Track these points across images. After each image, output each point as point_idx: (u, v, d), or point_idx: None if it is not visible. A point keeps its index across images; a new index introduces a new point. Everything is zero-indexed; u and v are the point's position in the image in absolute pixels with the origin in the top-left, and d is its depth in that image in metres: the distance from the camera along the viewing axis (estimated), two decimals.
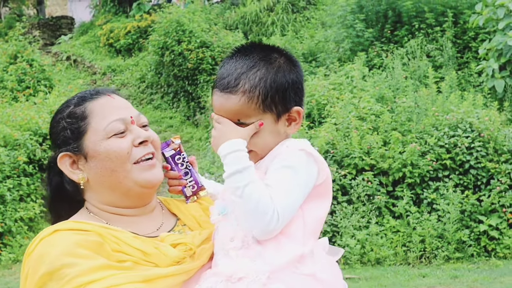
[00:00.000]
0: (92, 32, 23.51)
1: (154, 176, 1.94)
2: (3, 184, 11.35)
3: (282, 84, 1.87)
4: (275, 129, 1.88)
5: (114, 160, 1.90)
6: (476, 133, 9.94)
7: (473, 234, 9.43)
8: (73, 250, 1.74)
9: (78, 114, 1.95)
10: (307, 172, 1.80)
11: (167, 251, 1.83)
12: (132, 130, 1.95)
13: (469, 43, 13.90)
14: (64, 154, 1.95)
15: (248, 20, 19.03)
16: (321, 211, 1.86)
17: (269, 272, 1.71)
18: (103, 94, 2.00)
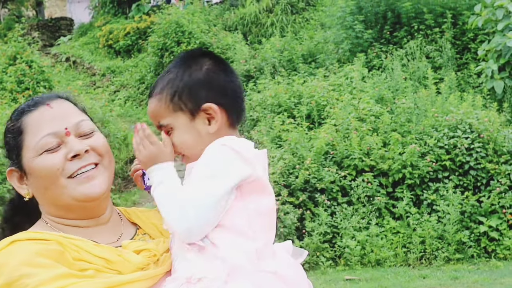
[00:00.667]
0: (91, 33, 23.53)
1: (92, 189, 1.85)
2: (3, 185, 11.34)
3: (188, 82, 1.88)
4: (193, 129, 1.87)
5: (45, 178, 1.84)
6: (475, 134, 9.95)
7: (473, 235, 9.44)
8: (33, 259, 1.68)
9: (15, 129, 1.90)
10: (226, 168, 1.75)
11: (131, 258, 1.79)
12: (67, 142, 1.86)
13: (468, 44, 13.92)
14: (10, 169, 1.92)
15: (247, 21, 19.05)
16: (264, 206, 1.80)
17: (228, 270, 1.70)
18: (41, 104, 1.91)
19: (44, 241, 1.75)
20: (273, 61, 14.79)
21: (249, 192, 1.78)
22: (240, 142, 1.83)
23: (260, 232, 1.78)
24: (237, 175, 1.75)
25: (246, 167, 1.76)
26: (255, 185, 1.79)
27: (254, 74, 14.78)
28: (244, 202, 1.77)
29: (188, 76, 1.90)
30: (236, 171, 1.75)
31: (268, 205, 1.81)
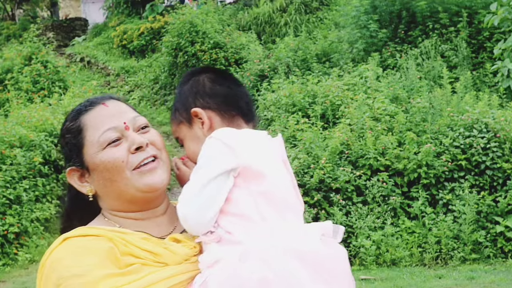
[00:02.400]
0: (106, 33, 23.64)
1: (154, 180, 1.93)
2: (20, 184, 11.43)
3: (179, 95, 2.08)
4: (194, 135, 2.02)
5: (111, 170, 1.91)
6: (491, 133, 9.89)
7: (490, 235, 9.38)
8: (81, 259, 1.77)
9: (74, 129, 1.98)
10: (210, 158, 1.85)
11: (176, 250, 1.86)
12: (127, 136, 1.94)
13: (484, 43, 13.84)
14: (70, 169, 1.99)
15: (261, 21, 19.06)
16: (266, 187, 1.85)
17: (243, 251, 1.75)
18: (97, 104, 2.00)
19: (94, 237, 1.83)
20: (287, 61, 14.78)
21: (249, 178, 1.84)
22: (232, 133, 1.91)
23: (269, 212, 1.82)
24: (220, 164, 1.83)
25: (230, 157, 1.83)
26: (251, 172, 1.84)
27: (268, 74, 14.78)
28: (247, 188, 1.83)
29: (179, 90, 2.08)
30: (218, 160, 1.84)
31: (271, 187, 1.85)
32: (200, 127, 2.00)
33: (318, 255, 1.75)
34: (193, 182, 1.85)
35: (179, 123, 2.03)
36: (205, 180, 1.82)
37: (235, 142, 1.86)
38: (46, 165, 12.27)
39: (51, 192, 12.15)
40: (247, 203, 1.82)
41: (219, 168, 1.82)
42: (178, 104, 2.05)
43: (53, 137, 12.79)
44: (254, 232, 1.79)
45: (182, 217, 1.83)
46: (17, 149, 12.01)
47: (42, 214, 11.41)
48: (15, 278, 10.00)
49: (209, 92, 2.03)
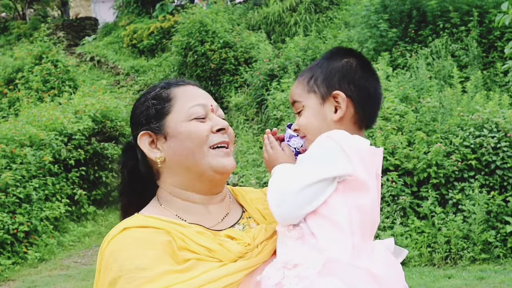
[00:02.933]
0: (116, 33, 23.69)
1: (228, 163, 2.01)
2: (29, 183, 11.47)
3: (328, 69, 2.00)
4: (321, 112, 1.97)
5: (194, 141, 1.97)
6: (502, 133, 9.84)
7: (500, 235, 9.33)
8: (143, 252, 1.81)
9: (163, 96, 2.04)
10: (322, 160, 1.82)
11: (230, 247, 1.89)
12: (211, 118, 2.03)
13: (495, 43, 13.76)
14: (144, 132, 2.03)
15: (271, 21, 19.04)
16: (363, 203, 1.83)
17: (324, 262, 1.75)
18: (187, 83, 2.10)
19: (154, 229, 1.88)
20: (297, 60, 14.76)
21: (350, 188, 1.82)
22: (348, 138, 1.86)
23: (358, 227, 1.81)
24: (333, 168, 1.80)
25: (345, 164, 1.81)
26: (355, 183, 1.82)
27: (277, 73, 14.77)
28: (345, 197, 1.81)
29: (327, 65, 2.01)
30: (332, 164, 1.80)
31: (368, 202, 1.85)
32: (332, 110, 1.97)
33: (391, 282, 1.79)
34: (299, 176, 1.82)
35: (311, 91, 2.00)
36: (314, 179, 1.79)
37: (352, 150, 1.83)
38: (56, 164, 12.32)
39: (60, 191, 12.19)
40: (341, 212, 1.80)
41: (330, 172, 1.80)
42: (320, 74, 2.01)
43: (63, 136, 12.83)
44: (339, 244, 1.77)
45: (275, 203, 1.83)
46: (27, 148, 12.06)
47: (51, 213, 11.45)
48: (24, 276, 10.04)
49: (358, 83, 1.99)
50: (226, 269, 1.83)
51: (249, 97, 15.27)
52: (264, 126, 14.19)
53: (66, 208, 11.91)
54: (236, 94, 15.79)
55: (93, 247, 11.52)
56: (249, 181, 11.40)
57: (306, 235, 1.81)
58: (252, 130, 14.31)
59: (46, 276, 9.98)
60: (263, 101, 14.60)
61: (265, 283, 1.81)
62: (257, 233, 1.97)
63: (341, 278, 1.72)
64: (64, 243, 11.50)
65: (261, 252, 1.93)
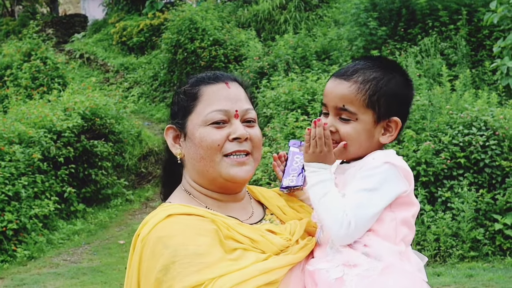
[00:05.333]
0: (105, 30, 23.59)
1: (239, 173, 1.99)
2: (18, 181, 11.42)
3: (391, 90, 1.99)
4: (371, 131, 1.98)
5: (205, 149, 1.97)
6: (491, 131, 9.89)
7: (488, 233, 9.39)
8: (196, 238, 1.82)
9: (190, 94, 2.04)
10: (387, 185, 1.90)
11: (273, 239, 1.92)
12: (232, 123, 2.00)
13: (483, 41, 13.83)
14: (170, 126, 2.07)
15: (260, 18, 19.03)
16: (409, 216, 1.97)
17: (384, 266, 1.85)
18: (220, 80, 2.05)
19: (199, 218, 1.89)
20: (287, 58, 14.77)
21: (399, 204, 1.94)
22: (399, 159, 1.96)
23: (403, 238, 1.95)
24: (396, 191, 1.91)
25: (404, 184, 1.92)
26: (406, 199, 1.95)
27: (267, 71, 14.77)
28: (393, 213, 1.93)
29: (393, 85, 2.00)
30: (395, 187, 1.91)
31: (412, 215, 1.99)
32: (382, 132, 2.01)
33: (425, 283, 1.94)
34: (367, 205, 1.88)
35: (370, 107, 1.98)
36: (381, 206, 1.90)
37: (406, 171, 1.94)
38: (45, 162, 12.27)
39: (50, 189, 12.14)
40: (389, 227, 1.92)
41: (393, 197, 1.91)
42: (383, 93, 1.98)
43: (52, 133, 12.78)
44: (391, 253, 1.89)
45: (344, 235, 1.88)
46: (16, 145, 12.00)
47: (41, 210, 11.40)
48: (13, 274, 10.00)
49: (408, 108, 2.08)
50: (274, 262, 1.86)
51: None
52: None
53: (55, 206, 11.86)
54: None
55: (82, 245, 11.49)
56: None
57: (360, 245, 1.90)
58: None
59: (35, 274, 9.94)
60: (253, 98, 14.58)
61: (323, 276, 1.88)
62: (293, 228, 2.00)
63: (398, 279, 1.84)
64: (53, 241, 11.45)
65: (303, 248, 1.95)
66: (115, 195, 13.56)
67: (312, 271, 1.91)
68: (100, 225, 12.53)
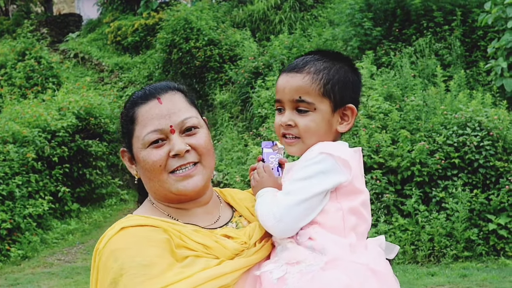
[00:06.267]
0: (100, 29, 23.55)
1: (187, 186, 1.98)
2: (12, 180, 11.39)
3: (343, 77, 2.01)
4: (329, 120, 1.98)
5: (149, 170, 1.99)
6: (485, 131, 9.92)
7: (482, 233, 9.41)
8: (144, 250, 1.83)
9: (128, 117, 2.05)
10: (322, 175, 1.87)
11: (227, 244, 1.91)
12: (171, 139, 1.99)
13: (478, 42, 13.86)
14: (123, 149, 2.10)
15: (255, 18, 19.02)
16: (356, 205, 1.92)
17: (327, 260, 1.82)
18: (152, 97, 2.03)
19: (152, 228, 1.90)
20: (282, 58, 14.77)
21: (344, 194, 1.90)
22: (338, 147, 1.93)
23: (353, 229, 1.90)
24: (332, 181, 1.87)
25: (342, 174, 1.88)
26: (349, 188, 1.90)
27: (262, 71, 14.77)
28: (339, 203, 1.89)
29: (344, 72, 2.02)
30: (331, 178, 1.87)
31: (360, 203, 1.93)
32: (339, 121, 2.00)
33: (387, 276, 1.89)
34: (295, 191, 1.87)
35: (326, 96, 1.98)
36: (310, 193, 1.86)
37: (344, 159, 1.89)
38: (39, 161, 12.24)
39: (44, 188, 12.12)
40: (335, 217, 1.88)
41: (327, 185, 1.87)
42: (337, 81, 2.00)
43: (47, 133, 12.75)
44: (337, 245, 1.85)
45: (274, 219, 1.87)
46: (10, 145, 11.97)
47: (35, 210, 11.38)
48: (7, 274, 9.97)
49: (360, 96, 2.07)
50: (225, 267, 1.85)
51: (233, 95, 15.27)
52: (248, 123, 14.20)
53: (49, 205, 11.84)
54: (220, 92, 15.78)
55: (76, 245, 11.47)
56: (234, 178, 11.40)
57: (304, 241, 1.87)
58: (237, 127, 14.30)
59: (29, 274, 9.92)
60: (247, 98, 14.59)
61: (266, 278, 1.86)
62: (252, 231, 1.98)
63: (345, 273, 1.79)
64: (47, 240, 11.43)
65: (258, 251, 1.94)
66: (109, 195, 13.55)
67: (259, 275, 1.89)
68: (95, 224, 12.51)
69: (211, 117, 15.71)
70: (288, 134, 2.01)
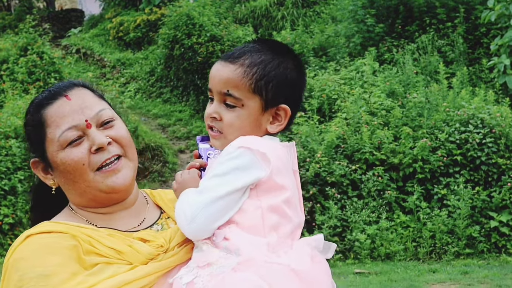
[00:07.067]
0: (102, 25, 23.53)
1: (117, 181, 1.86)
2: (14, 175, 11.40)
3: (280, 74, 1.83)
4: (257, 119, 1.83)
5: (72, 172, 1.84)
6: (487, 129, 9.91)
7: (484, 230, 9.41)
8: (45, 259, 1.70)
9: (35, 123, 1.88)
10: (238, 170, 1.73)
11: (140, 248, 1.79)
12: (89, 135, 1.85)
13: (481, 39, 13.85)
14: (34, 160, 1.92)
15: (258, 15, 19.00)
16: (278, 203, 1.77)
17: (239, 260, 1.69)
18: (59, 96, 1.89)
19: (58, 234, 1.76)
20: None
21: (263, 190, 1.75)
22: (258, 141, 1.78)
23: (273, 228, 1.75)
24: (249, 177, 1.73)
25: (261, 169, 1.73)
26: (270, 184, 1.75)
27: None
28: (258, 200, 1.74)
29: (283, 69, 1.84)
30: (248, 173, 1.73)
31: (283, 201, 1.77)
32: (270, 121, 1.84)
33: (313, 277, 1.71)
34: (209, 189, 1.74)
35: (256, 92, 1.81)
36: (225, 191, 1.72)
37: (265, 155, 1.74)
38: None
39: None
40: (254, 216, 1.74)
41: (244, 182, 1.73)
42: (272, 77, 1.82)
43: None
44: (253, 245, 1.71)
45: (186, 221, 1.73)
46: (12, 140, 11.97)
47: None
48: None
49: (299, 95, 1.89)
50: (135, 272, 1.73)
51: None
52: None
53: None
54: None
55: None
56: None
57: (220, 241, 1.73)
58: None
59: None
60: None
61: (177, 284, 1.73)
62: (173, 235, 1.85)
63: (257, 273, 1.66)
64: None
65: (175, 254, 1.81)
66: None
67: (171, 283, 1.75)
68: None
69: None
70: (213, 127, 1.86)
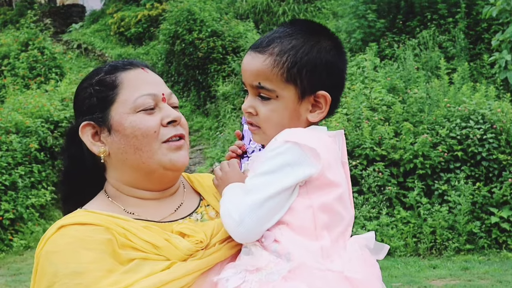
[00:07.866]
0: (103, 20, 23.53)
1: (180, 158, 1.80)
2: (15, 171, 11.42)
3: (314, 60, 1.70)
4: (295, 109, 1.71)
5: (140, 138, 1.76)
6: (488, 124, 9.90)
7: (484, 226, 9.41)
8: (79, 254, 1.63)
9: (108, 82, 1.80)
10: (288, 167, 1.62)
11: (178, 244, 1.70)
12: (162, 108, 1.80)
13: (482, 34, 13.82)
14: (87, 123, 1.80)
15: (259, 10, 18.98)
16: (330, 201, 1.66)
17: (291, 267, 1.59)
18: (136, 66, 1.85)
19: (92, 227, 1.68)
20: None
21: (314, 188, 1.65)
22: (305, 134, 1.67)
23: (326, 229, 1.65)
24: (299, 174, 1.62)
25: (311, 165, 1.62)
26: (322, 181, 1.65)
27: None
28: (310, 199, 1.64)
29: (317, 53, 1.71)
30: (298, 170, 1.62)
31: (335, 198, 1.67)
32: (309, 109, 1.72)
33: (362, 283, 1.61)
34: (256, 189, 1.63)
35: (290, 81, 1.69)
36: (274, 191, 1.61)
37: (312, 149, 1.62)
38: (42, 152, 12.26)
39: (46, 179, 12.14)
40: (304, 216, 1.63)
41: (294, 179, 1.62)
42: (305, 63, 1.69)
43: (49, 123, 12.76)
44: (305, 249, 1.61)
45: (233, 223, 1.63)
46: (13, 135, 11.99)
47: (37, 200, 11.40)
48: (9, 264, 10.00)
49: (341, 80, 1.77)
50: (173, 272, 1.64)
51: (236, 86, 15.25)
52: None
53: (52, 195, 11.86)
54: (223, 83, 15.76)
55: None
56: None
57: (270, 244, 1.63)
58: (240, 119, 14.30)
59: (31, 264, 9.93)
60: None
61: (222, 285, 1.64)
62: (215, 230, 1.76)
63: (308, 283, 1.56)
64: None
65: (217, 251, 1.72)
66: None
67: (216, 282, 1.65)
68: None
69: (214, 109, 15.69)
70: (252, 122, 1.75)
